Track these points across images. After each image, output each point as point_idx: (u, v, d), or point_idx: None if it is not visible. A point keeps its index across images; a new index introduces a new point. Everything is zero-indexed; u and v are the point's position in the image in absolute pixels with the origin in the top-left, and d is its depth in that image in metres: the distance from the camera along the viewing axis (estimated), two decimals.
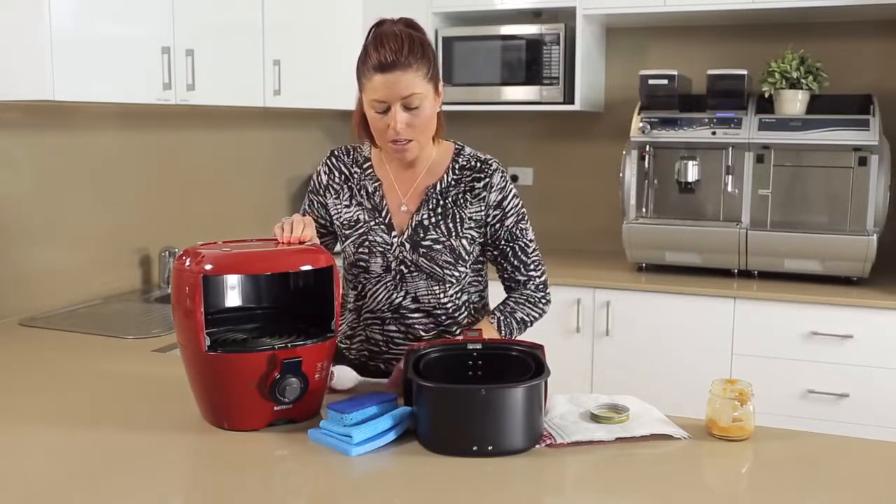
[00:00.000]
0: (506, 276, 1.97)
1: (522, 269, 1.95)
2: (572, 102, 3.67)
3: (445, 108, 4.10)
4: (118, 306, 2.80)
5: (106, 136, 2.93)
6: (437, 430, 1.52)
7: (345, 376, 1.81)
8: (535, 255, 1.97)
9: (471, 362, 1.69)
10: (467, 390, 1.52)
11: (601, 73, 3.95)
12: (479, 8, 3.80)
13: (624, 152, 3.49)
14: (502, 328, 1.89)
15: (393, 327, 1.92)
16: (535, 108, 3.74)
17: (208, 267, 1.57)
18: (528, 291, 1.95)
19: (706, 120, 3.36)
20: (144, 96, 2.59)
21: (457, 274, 1.89)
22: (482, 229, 1.91)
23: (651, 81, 3.42)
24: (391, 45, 1.73)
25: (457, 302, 1.92)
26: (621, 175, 3.49)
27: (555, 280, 3.42)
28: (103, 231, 2.93)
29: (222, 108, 3.11)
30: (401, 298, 1.90)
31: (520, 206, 1.95)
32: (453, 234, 1.88)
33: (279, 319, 1.77)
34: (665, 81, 3.40)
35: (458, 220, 1.88)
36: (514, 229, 1.93)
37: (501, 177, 1.91)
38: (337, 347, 1.81)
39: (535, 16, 3.87)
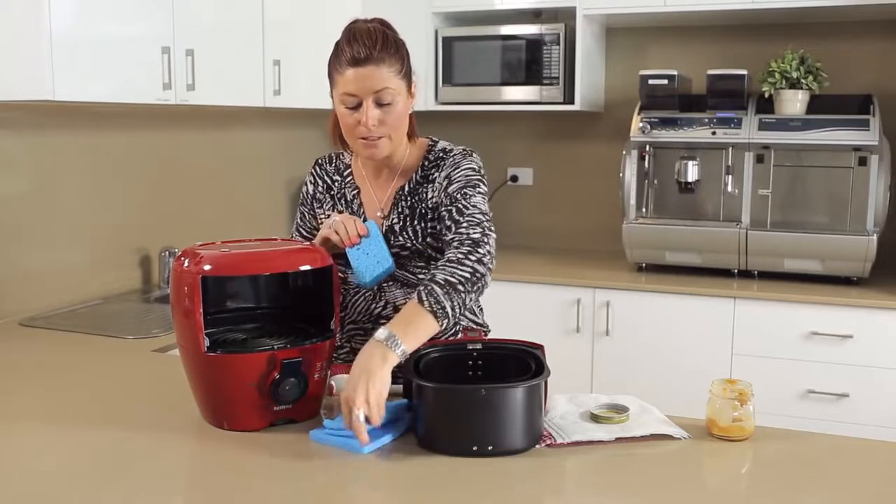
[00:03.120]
0: (440, 245, 1.79)
1: (454, 228, 1.73)
2: (572, 102, 3.67)
3: (446, 108, 4.11)
4: (118, 306, 2.80)
5: (106, 136, 2.93)
6: (437, 430, 1.52)
7: (343, 382, 1.80)
8: (474, 216, 1.73)
9: (471, 362, 1.69)
10: (467, 390, 1.52)
11: (601, 73, 3.95)
12: (479, 8, 3.80)
13: (624, 152, 3.49)
14: (424, 298, 1.59)
15: None
16: (535, 108, 3.74)
17: (207, 267, 1.57)
18: (450, 253, 1.69)
19: (706, 120, 3.36)
20: (144, 96, 2.59)
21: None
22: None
23: (651, 81, 3.42)
24: (365, 40, 1.72)
25: None
26: (621, 175, 3.49)
27: (555, 280, 3.46)
28: (103, 231, 2.93)
29: (222, 108, 3.11)
30: (380, 308, 1.87)
31: (473, 175, 1.80)
32: (419, 236, 1.83)
33: (279, 319, 1.77)
34: (665, 81, 3.40)
35: (419, 216, 1.83)
36: (455, 194, 1.77)
37: (462, 154, 1.83)
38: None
39: (535, 16, 3.88)
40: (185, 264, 1.59)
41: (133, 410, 1.76)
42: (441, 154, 1.88)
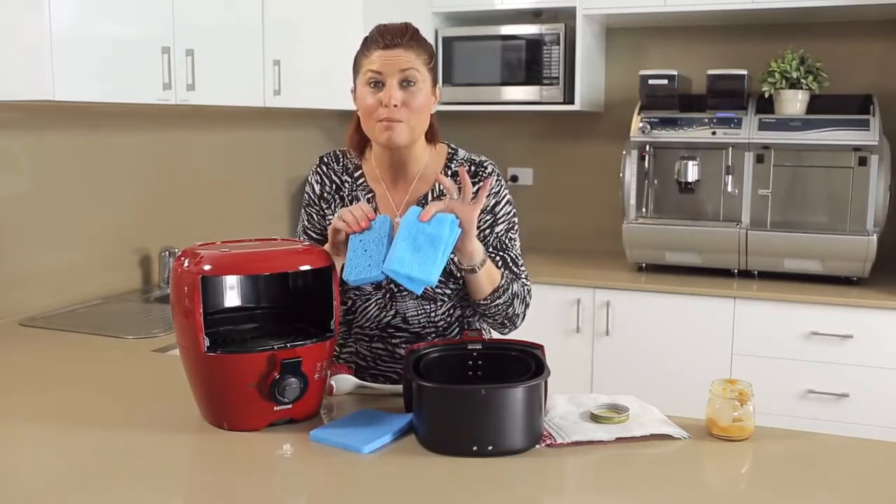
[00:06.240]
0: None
1: (514, 278, 1.85)
2: (572, 102, 3.67)
3: (445, 108, 4.10)
4: (118, 306, 2.80)
5: (106, 136, 2.93)
6: (437, 430, 1.52)
7: (343, 382, 1.80)
8: (524, 269, 1.88)
9: (471, 362, 1.69)
10: (467, 390, 1.52)
11: (601, 73, 3.95)
12: (479, 8, 3.80)
13: (624, 152, 3.49)
14: (503, 280, 1.78)
15: (380, 345, 1.89)
16: (535, 108, 3.75)
17: (207, 267, 1.57)
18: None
19: (706, 120, 3.36)
20: (144, 96, 2.59)
21: (448, 292, 1.84)
22: None
23: (651, 81, 3.42)
24: (395, 29, 1.73)
25: (448, 319, 1.88)
26: (621, 175, 3.49)
27: (555, 280, 3.46)
28: (103, 231, 2.93)
29: (222, 108, 3.11)
30: (390, 317, 1.86)
31: (511, 214, 1.87)
32: None
33: (279, 319, 1.77)
34: (665, 81, 3.40)
35: None
36: (503, 237, 1.85)
37: (496, 180, 1.84)
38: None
39: (535, 16, 3.88)
40: (185, 264, 1.59)
41: (133, 410, 1.76)
42: (469, 167, 1.84)
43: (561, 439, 1.54)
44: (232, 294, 1.77)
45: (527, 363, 1.62)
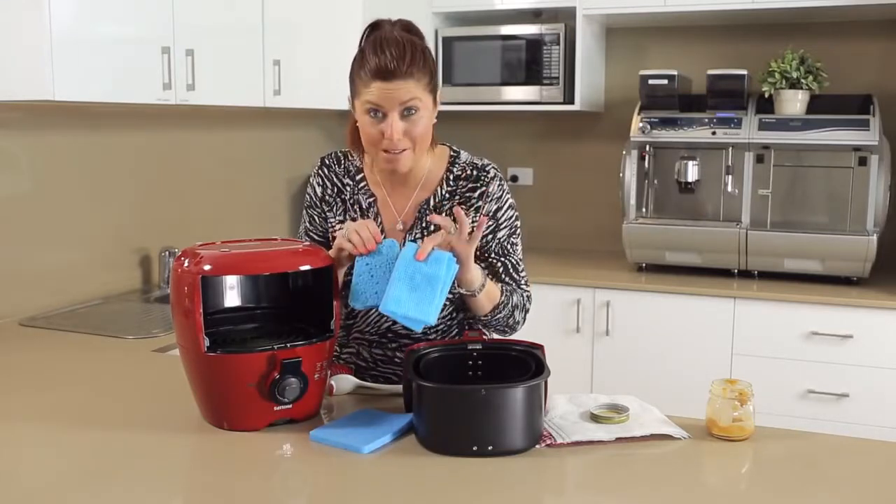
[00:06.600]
0: None
1: (509, 283, 1.84)
2: (572, 102, 3.67)
3: (446, 108, 4.09)
4: (118, 306, 2.80)
5: (106, 136, 2.93)
6: (437, 430, 1.52)
7: (343, 382, 1.80)
8: (524, 274, 1.87)
9: (471, 362, 1.69)
10: (467, 390, 1.52)
11: (601, 73, 3.95)
12: (479, 8, 3.80)
13: (624, 152, 3.49)
14: (503, 294, 1.79)
15: (379, 351, 1.89)
16: (535, 108, 3.75)
17: (207, 267, 1.57)
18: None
19: (706, 120, 3.36)
20: (144, 96, 2.58)
21: (450, 296, 1.81)
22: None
23: (651, 81, 3.42)
24: (393, 51, 1.64)
25: (450, 322, 1.88)
26: (621, 175, 3.49)
27: (555, 280, 3.46)
28: (103, 231, 2.93)
29: (222, 108, 3.11)
30: (390, 323, 1.84)
31: (513, 218, 1.85)
32: None
33: (279, 319, 1.77)
34: (665, 81, 3.40)
35: None
36: (505, 243, 1.84)
37: (499, 185, 1.83)
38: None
39: (535, 16, 3.88)
40: (185, 264, 1.59)
41: (133, 410, 1.76)
42: (472, 171, 1.83)
43: (561, 439, 1.54)
44: (232, 294, 1.77)
45: (527, 363, 1.62)
